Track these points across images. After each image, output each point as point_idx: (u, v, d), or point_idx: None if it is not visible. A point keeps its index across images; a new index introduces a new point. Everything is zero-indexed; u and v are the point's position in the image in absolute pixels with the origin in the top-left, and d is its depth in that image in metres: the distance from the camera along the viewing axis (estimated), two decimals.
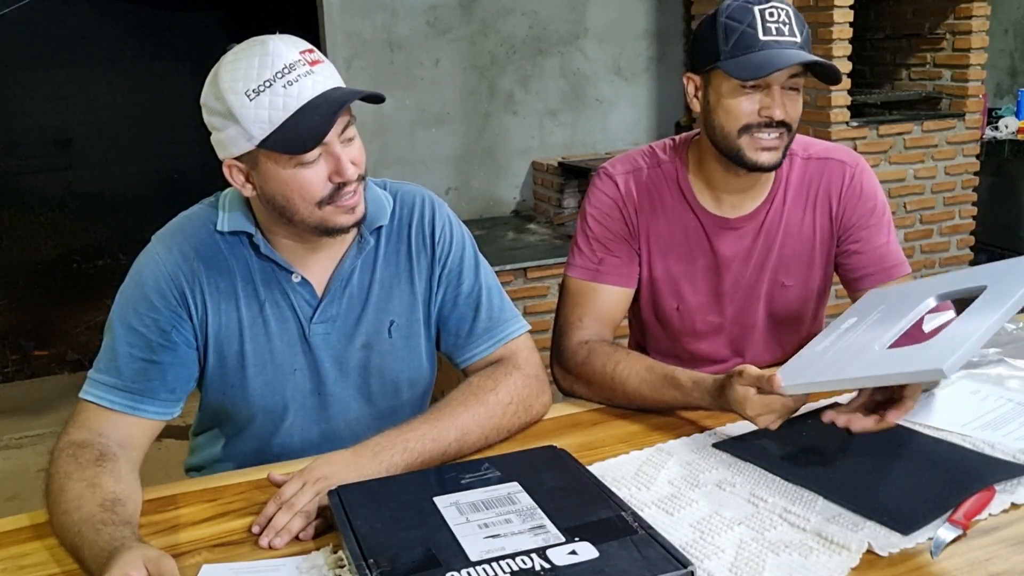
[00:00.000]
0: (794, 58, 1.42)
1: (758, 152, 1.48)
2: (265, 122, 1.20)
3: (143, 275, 1.33)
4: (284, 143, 1.20)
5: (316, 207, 1.26)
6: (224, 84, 1.21)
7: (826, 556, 1.04)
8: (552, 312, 1.74)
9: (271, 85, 1.19)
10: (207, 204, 1.40)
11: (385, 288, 1.42)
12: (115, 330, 1.32)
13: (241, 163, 1.27)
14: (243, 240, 1.36)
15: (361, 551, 1.01)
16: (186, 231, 1.36)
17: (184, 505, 1.23)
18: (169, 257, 1.33)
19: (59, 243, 4.47)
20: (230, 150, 1.25)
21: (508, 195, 4.43)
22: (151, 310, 1.31)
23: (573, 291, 1.63)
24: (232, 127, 1.22)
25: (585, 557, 0.98)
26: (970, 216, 4.17)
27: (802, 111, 1.56)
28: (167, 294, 1.32)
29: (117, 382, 1.29)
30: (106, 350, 1.32)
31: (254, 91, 1.19)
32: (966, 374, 1.57)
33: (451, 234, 1.46)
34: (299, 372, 1.39)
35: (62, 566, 1.11)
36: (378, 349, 1.42)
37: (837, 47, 3.73)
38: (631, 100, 4.52)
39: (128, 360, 1.30)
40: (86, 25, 4.41)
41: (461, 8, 4.15)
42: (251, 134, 1.21)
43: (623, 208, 1.63)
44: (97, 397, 1.29)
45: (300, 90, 1.20)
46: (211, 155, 1.29)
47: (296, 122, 1.20)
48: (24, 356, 4.33)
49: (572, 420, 1.48)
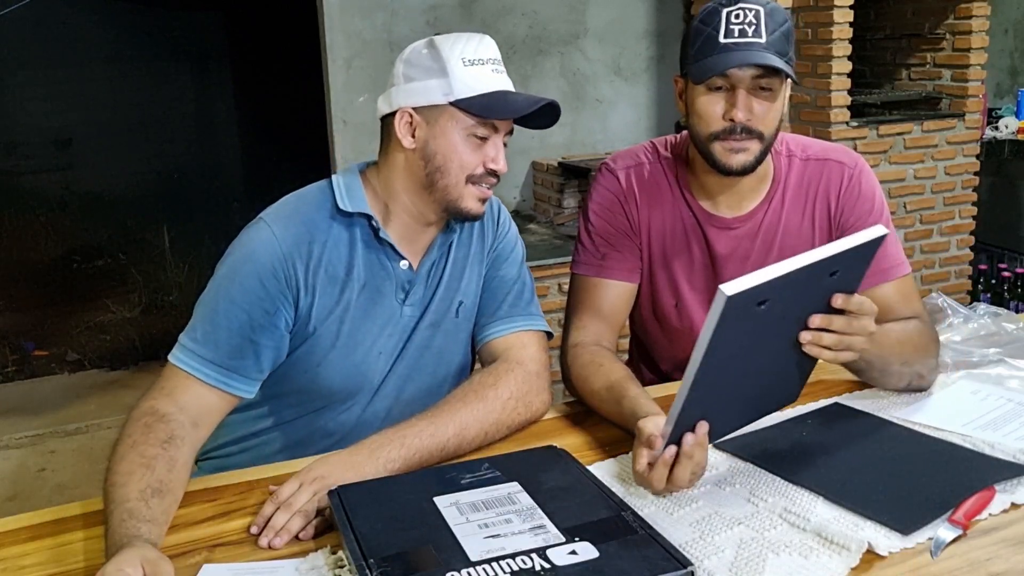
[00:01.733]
0: (747, 59, 1.41)
1: (728, 155, 1.48)
2: (470, 87, 1.34)
3: (257, 253, 1.35)
4: (480, 106, 1.34)
5: (464, 180, 1.38)
6: (443, 45, 1.36)
7: (826, 556, 1.04)
8: (553, 312, 1.75)
9: (483, 64, 1.36)
10: (318, 188, 1.44)
11: (458, 269, 1.49)
12: (218, 303, 1.34)
13: (419, 115, 1.37)
14: (360, 223, 1.41)
15: (361, 551, 1.01)
16: (303, 212, 1.40)
17: (184, 505, 1.23)
18: (286, 237, 1.36)
19: (59, 243, 4.47)
20: (418, 99, 1.36)
21: (508, 195, 4.43)
22: (260, 290, 1.34)
23: (578, 288, 1.65)
24: (436, 79, 1.35)
25: (585, 557, 0.98)
26: (970, 216, 4.17)
27: (803, 111, 1.55)
28: (279, 276, 1.35)
29: (214, 355, 1.32)
30: (204, 320, 1.34)
31: (470, 61, 1.35)
32: (966, 374, 1.58)
33: (510, 226, 1.58)
34: (383, 356, 1.44)
35: (62, 566, 1.11)
36: (443, 328, 1.48)
37: (837, 47, 3.73)
38: (631, 100, 4.52)
39: (227, 335, 1.33)
40: (86, 25, 4.40)
41: (461, 8, 4.15)
42: (453, 90, 1.34)
43: (624, 203, 1.63)
44: (191, 367, 1.31)
45: (502, 81, 1.38)
46: (211, 155, 1.29)
47: (495, 98, 1.35)
48: (24, 356, 4.33)
49: (572, 420, 1.48)
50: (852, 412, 1.44)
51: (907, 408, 1.45)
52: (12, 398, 4.04)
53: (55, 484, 3.27)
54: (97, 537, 1.16)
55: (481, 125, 1.36)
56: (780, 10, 1.46)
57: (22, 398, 4.04)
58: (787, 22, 1.46)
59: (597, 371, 1.48)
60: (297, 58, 4.34)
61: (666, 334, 1.72)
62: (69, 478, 3.31)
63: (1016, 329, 1.73)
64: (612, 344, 1.61)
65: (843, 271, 1.15)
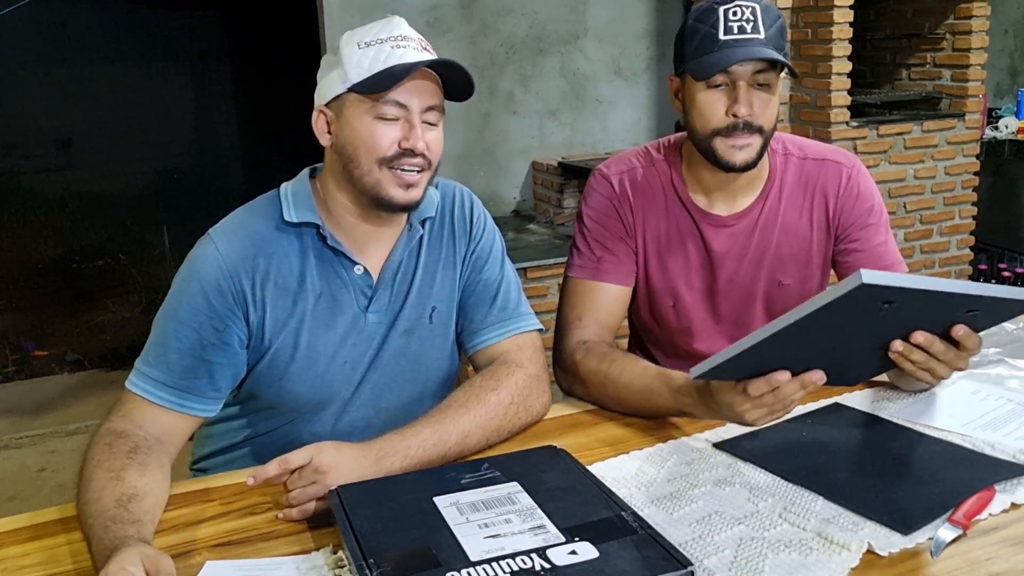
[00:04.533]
0: (749, 55, 1.43)
1: (731, 151, 1.49)
2: (364, 68, 1.30)
3: (202, 271, 1.33)
4: (369, 85, 1.29)
5: (377, 165, 1.32)
6: (343, 36, 1.35)
7: (826, 556, 1.04)
8: (552, 312, 1.75)
9: (381, 43, 1.31)
10: (267, 199, 1.42)
11: (429, 273, 1.46)
12: (167, 324, 1.32)
13: (329, 110, 1.35)
14: (309, 232, 1.38)
15: (361, 551, 1.01)
16: (248, 226, 1.38)
17: (184, 505, 1.23)
18: (231, 253, 1.34)
19: (59, 243, 4.47)
20: (325, 95, 1.35)
21: (508, 195, 4.43)
22: (207, 308, 1.32)
23: (573, 291, 1.64)
24: (335, 71, 1.33)
25: (585, 557, 0.98)
26: (970, 216, 4.18)
27: (802, 111, 1.57)
28: (226, 292, 1.33)
29: (166, 378, 1.30)
30: (156, 343, 1.33)
31: (365, 43, 1.32)
32: (966, 374, 1.57)
33: (485, 222, 1.53)
34: (348, 364, 1.41)
35: (62, 566, 1.11)
36: (418, 335, 1.45)
37: (837, 47, 3.73)
38: (631, 100, 4.52)
39: (178, 356, 1.31)
40: (86, 25, 4.40)
41: (461, 8, 4.15)
42: (347, 76, 1.31)
43: (619, 207, 1.64)
44: (144, 391, 1.30)
45: (404, 55, 1.31)
46: (211, 155, 1.30)
47: (388, 73, 1.29)
48: (24, 356, 4.33)
49: (572, 420, 1.48)
50: (852, 412, 1.44)
51: (907, 408, 1.45)
52: (12, 398, 4.04)
53: (55, 484, 3.27)
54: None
55: (382, 104, 1.30)
56: (772, 6, 1.49)
57: (22, 398, 4.05)
58: (780, 17, 1.48)
59: (623, 357, 1.49)
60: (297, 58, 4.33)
61: (665, 334, 1.72)
62: (69, 478, 3.30)
63: (1016, 329, 1.73)
64: (611, 346, 1.61)
65: (983, 313, 1.14)
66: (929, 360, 1.23)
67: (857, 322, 1.12)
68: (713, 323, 1.68)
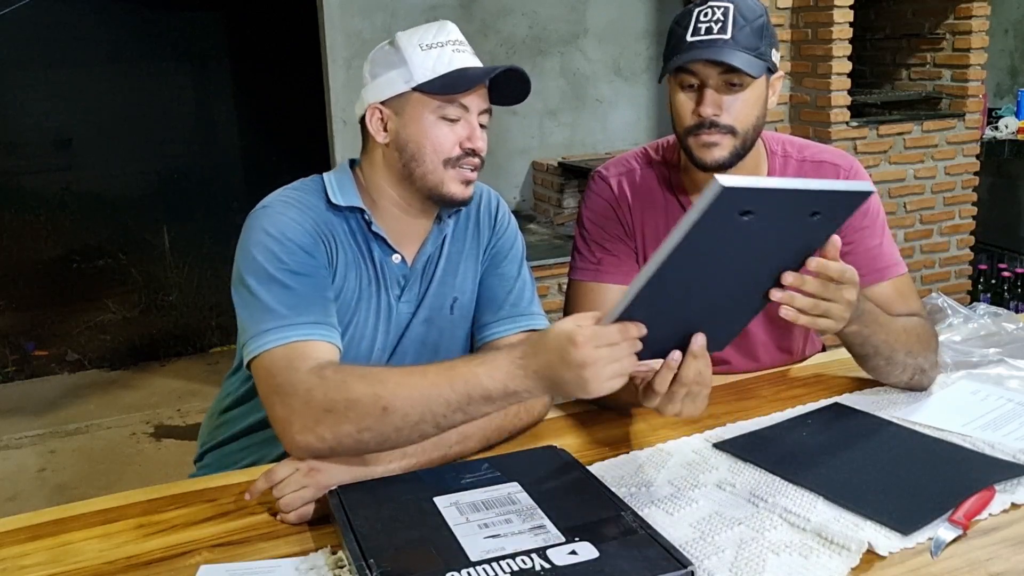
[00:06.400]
0: (704, 56, 1.42)
1: (702, 150, 1.49)
2: (429, 69, 1.34)
3: (286, 232, 1.31)
4: (441, 86, 1.33)
5: (442, 165, 1.36)
6: (401, 36, 1.37)
7: (826, 556, 1.04)
8: (553, 312, 1.75)
9: (443, 47, 1.36)
10: (310, 182, 1.43)
11: (452, 265, 1.48)
12: (280, 281, 1.28)
13: (387, 107, 1.37)
14: (354, 216, 1.40)
15: (361, 551, 1.01)
16: (304, 199, 1.38)
17: (184, 505, 1.23)
18: (303, 216, 1.35)
19: (59, 243, 4.46)
20: (384, 92, 1.36)
21: (508, 195, 4.42)
22: (308, 258, 1.31)
23: (576, 293, 1.65)
24: (396, 70, 1.35)
25: (585, 557, 0.98)
26: (970, 216, 4.17)
27: (802, 111, 1.56)
28: (315, 245, 1.33)
29: (315, 318, 1.26)
30: (277, 300, 1.26)
31: (427, 45, 1.36)
32: (966, 374, 1.58)
33: (509, 222, 1.56)
34: (378, 351, 1.43)
35: (62, 566, 1.11)
36: (438, 325, 1.47)
37: (837, 47, 3.73)
38: (631, 100, 4.52)
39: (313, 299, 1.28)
40: (86, 25, 4.40)
41: (461, 8, 4.15)
42: (413, 76, 1.34)
43: (618, 209, 1.64)
44: (305, 335, 1.24)
45: (465, 59, 1.36)
46: (211, 155, 1.29)
47: (456, 76, 1.34)
48: (24, 356, 4.33)
49: (572, 420, 1.48)
50: (852, 412, 1.44)
51: (907, 408, 1.45)
52: (12, 398, 4.05)
53: (55, 484, 3.27)
54: (97, 537, 1.16)
55: (448, 105, 1.35)
56: (753, 6, 1.46)
57: (22, 398, 4.05)
58: (761, 17, 1.46)
59: None
60: (297, 58, 4.33)
61: None
62: (69, 478, 3.31)
63: (1016, 329, 1.73)
64: None
65: (824, 215, 1.11)
66: (817, 303, 1.19)
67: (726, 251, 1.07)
68: None
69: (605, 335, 1.06)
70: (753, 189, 1.01)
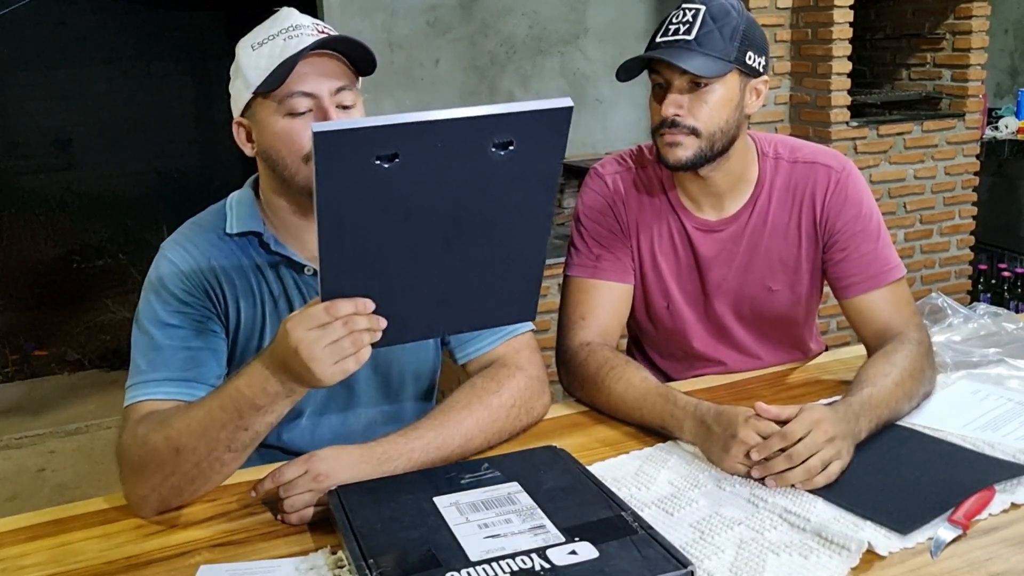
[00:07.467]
0: (657, 56, 1.45)
1: (667, 150, 1.50)
2: (262, 69, 1.24)
3: (164, 281, 1.32)
4: (272, 82, 1.23)
5: (303, 162, 1.26)
6: (239, 43, 1.29)
7: (826, 556, 1.04)
8: (552, 312, 1.75)
9: (273, 39, 1.26)
10: (214, 210, 1.40)
11: None
12: (150, 333, 1.29)
13: (245, 119, 1.31)
14: (252, 241, 1.36)
15: (361, 551, 1.01)
16: (196, 237, 1.36)
17: (184, 505, 1.23)
18: (186, 259, 1.33)
19: (59, 243, 4.46)
20: (238, 105, 1.30)
21: None
22: (182, 307, 1.31)
23: (573, 290, 1.64)
24: (239, 79, 1.28)
25: (585, 557, 0.98)
26: (970, 216, 4.17)
27: (802, 111, 1.56)
28: (192, 292, 1.32)
29: (168, 374, 1.27)
30: (143, 354, 1.29)
31: (258, 43, 1.27)
32: (966, 374, 1.57)
33: None
34: None
35: (62, 566, 1.11)
36: None
37: (837, 47, 3.73)
38: (631, 100, 4.52)
39: (173, 352, 1.28)
40: (86, 25, 4.40)
41: (461, 8, 4.15)
42: (249, 81, 1.26)
43: (614, 205, 1.64)
44: (150, 395, 1.26)
45: (299, 43, 1.24)
46: (211, 155, 1.29)
47: (282, 65, 1.23)
48: (24, 356, 4.33)
49: (572, 420, 1.48)
50: None
51: None
52: (12, 398, 4.04)
53: (55, 484, 3.27)
54: (97, 537, 1.17)
55: (289, 99, 1.24)
56: (728, 8, 1.46)
57: (22, 398, 4.05)
58: (734, 19, 1.46)
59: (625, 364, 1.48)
60: None
61: (660, 334, 1.72)
62: (69, 478, 3.31)
63: (1016, 329, 1.73)
64: (615, 345, 1.60)
65: (520, 145, 0.96)
66: (807, 468, 1.18)
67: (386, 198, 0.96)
68: (706, 325, 1.68)
69: (310, 316, 1.04)
70: (362, 129, 0.90)
